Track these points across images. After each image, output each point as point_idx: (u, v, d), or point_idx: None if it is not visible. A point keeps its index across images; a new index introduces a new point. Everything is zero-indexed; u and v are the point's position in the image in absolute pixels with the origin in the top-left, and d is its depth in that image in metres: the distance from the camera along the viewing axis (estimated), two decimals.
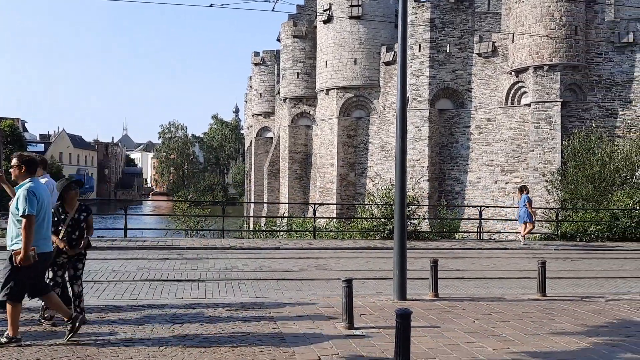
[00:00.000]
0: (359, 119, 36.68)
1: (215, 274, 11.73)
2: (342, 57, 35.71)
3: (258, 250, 15.77)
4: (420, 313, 8.23)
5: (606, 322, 8.04)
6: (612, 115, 27.19)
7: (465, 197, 30.58)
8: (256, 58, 52.48)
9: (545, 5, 26.50)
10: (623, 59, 27.08)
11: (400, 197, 9.45)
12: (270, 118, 52.09)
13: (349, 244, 17.42)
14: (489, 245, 18.76)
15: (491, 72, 29.97)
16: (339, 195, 36.14)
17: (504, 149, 29.45)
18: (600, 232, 20.23)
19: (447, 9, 30.45)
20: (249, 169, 59.84)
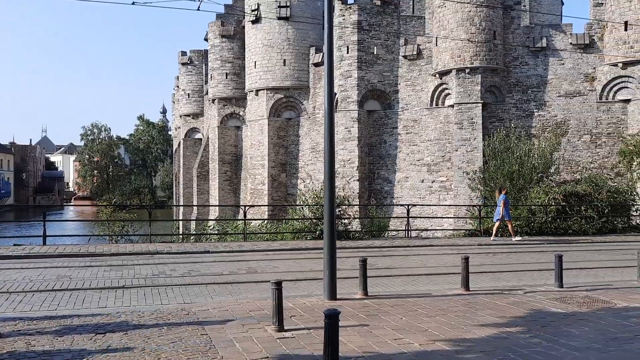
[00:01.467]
0: (290, 120, 36.71)
1: (142, 281, 11.36)
2: (271, 58, 35.61)
3: (187, 255, 15.42)
4: (350, 312, 8.33)
5: (524, 313, 8.46)
6: (529, 116, 28.69)
7: (394, 196, 31.29)
8: (183, 58, 51.34)
9: (465, 11, 27.58)
10: (538, 63, 28.63)
11: (329, 198, 9.53)
12: (199, 119, 51.12)
13: (281, 246, 17.37)
14: (416, 242, 19.28)
15: (417, 74, 30.83)
16: (271, 196, 36.01)
17: (429, 148, 30.37)
18: (519, 228, 21.27)
19: (374, 12, 31.04)
20: (177, 171, 58.43)
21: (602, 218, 21.82)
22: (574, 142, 28.05)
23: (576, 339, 6.95)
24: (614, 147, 27.29)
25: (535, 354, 6.33)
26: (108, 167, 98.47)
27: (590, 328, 7.54)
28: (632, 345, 6.72)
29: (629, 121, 27.34)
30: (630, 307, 8.89)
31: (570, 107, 28.13)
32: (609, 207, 22.24)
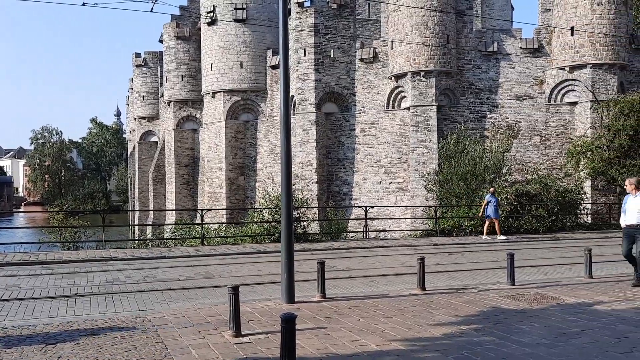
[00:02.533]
0: (247, 122, 36.51)
1: (95, 288, 11.08)
2: (228, 60, 35.34)
3: (142, 260, 15.13)
4: (308, 315, 8.35)
5: (478, 311, 8.66)
6: (482, 118, 29.43)
7: (353, 198, 31.53)
8: (137, 59, 50.35)
9: (420, 15, 28.08)
10: (489, 66, 29.42)
11: (286, 201, 9.53)
12: (154, 122, 50.22)
13: (239, 249, 17.25)
14: (374, 243, 19.48)
15: (373, 77, 31.18)
16: (229, 199, 35.72)
17: (387, 150, 30.76)
18: (473, 227, 21.80)
19: (330, 15, 31.23)
20: (132, 174, 57.22)
21: (551, 217, 22.60)
22: (524, 143, 28.94)
23: (527, 335, 7.17)
24: (562, 148, 28.30)
25: (487, 351, 6.49)
26: (60, 172, 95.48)
27: (540, 324, 7.79)
28: (579, 340, 6.99)
29: (576, 123, 28.41)
30: (577, 303, 9.23)
31: (520, 109, 29.01)
32: (558, 206, 23.05)
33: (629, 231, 10.83)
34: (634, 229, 10.73)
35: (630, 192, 11.02)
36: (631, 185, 10.97)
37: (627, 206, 11.02)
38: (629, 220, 10.85)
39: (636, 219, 10.71)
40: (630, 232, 10.82)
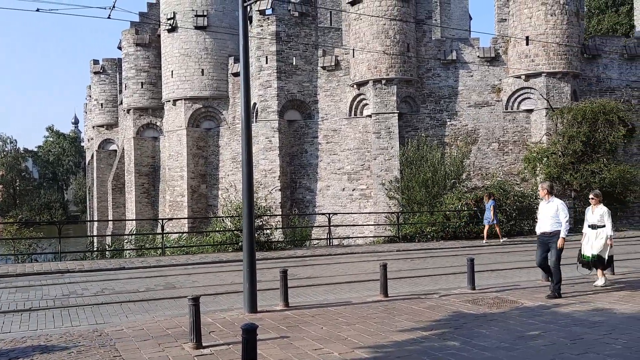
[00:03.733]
0: (209, 130, 36.15)
1: (50, 302, 10.73)
2: (188, 67, 34.96)
3: (100, 272, 14.75)
4: (271, 324, 8.28)
5: (439, 316, 8.77)
6: (442, 125, 29.94)
7: (316, 205, 31.55)
8: (95, 66, 49.23)
9: (380, 24, 28.43)
10: (449, 75, 29.99)
11: (248, 209, 9.45)
12: (113, 129, 49.14)
13: (200, 259, 17.02)
14: (338, 250, 19.52)
15: (335, 85, 31.35)
16: (191, 208, 35.23)
17: (349, 157, 30.93)
18: (435, 233, 22.11)
19: (292, 23, 31.29)
20: (91, 184, 55.80)
21: (510, 221, 23.12)
22: (483, 149, 29.57)
23: (487, 339, 7.29)
24: (519, 154, 29.03)
25: (448, 356, 6.57)
26: (14, 182, 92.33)
27: (500, 328, 7.93)
28: (537, 342, 7.14)
29: (532, 130, 29.21)
30: (535, 306, 9.45)
31: (479, 116, 29.65)
32: (516, 211, 23.61)
33: (543, 239, 10.42)
34: (548, 236, 10.30)
35: (543, 198, 10.68)
36: (544, 190, 10.61)
37: (540, 213, 10.67)
38: (543, 227, 10.43)
39: (550, 226, 10.31)
40: (544, 240, 10.40)
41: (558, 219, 10.25)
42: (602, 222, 11.00)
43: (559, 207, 10.32)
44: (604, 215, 11.03)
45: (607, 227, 10.95)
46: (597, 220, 11.07)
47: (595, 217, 11.13)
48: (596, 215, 11.13)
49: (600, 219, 11.03)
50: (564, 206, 10.39)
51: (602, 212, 11.08)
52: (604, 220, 10.99)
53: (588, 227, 11.11)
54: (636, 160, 30.00)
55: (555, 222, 10.26)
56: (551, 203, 10.43)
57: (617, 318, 8.39)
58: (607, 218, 11.01)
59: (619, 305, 9.28)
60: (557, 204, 10.37)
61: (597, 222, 11.05)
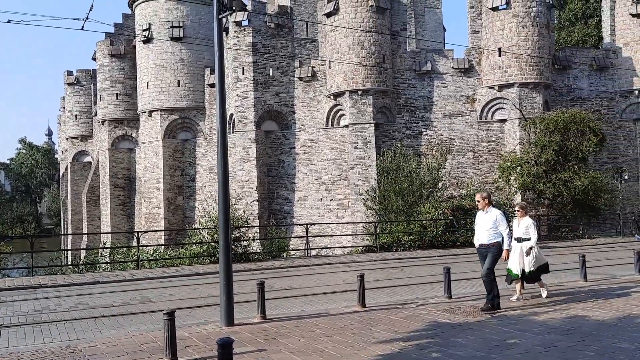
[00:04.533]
0: (186, 141, 35.92)
1: (21, 318, 10.49)
2: (164, 79, 34.76)
3: (74, 287, 14.47)
4: (248, 337, 8.22)
5: (417, 326, 8.81)
6: (418, 135, 30.25)
7: (294, 216, 31.50)
8: (69, 77, 48.62)
9: (356, 35, 28.69)
10: (424, 85, 30.36)
11: (224, 220, 9.40)
12: (87, 141, 48.49)
13: (177, 272, 16.82)
14: (316, 261, 19.49)
15: (312, 96, 31.47)
16: (167, 220, 34.86)
17: (327, 167, 31.01)
18: (412, 242, 22.25)
19: (268, 34, 31.37)
20: (65, 196, 54.87)
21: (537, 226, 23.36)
22: (458, 159, 29.94)
23: (463, 348, 7.35)
24: (494, 163, 29.45)
25: None
26: None
27: (476, 337, 8.00)
28: (512, 350, 7.22)
29: (506, 139, 29.69)
30: (510, 315, 9.56)
31: (454, 126, 30.04)
32: None
33: (482, 251, 10.05)
34: (486, 248, 9.93)
35: (481, 208, 10.17)
36: (483, 200, 10.11)
37: (477, 224, 10.19)
38: (481, 239, 10.04)
39: (487, 237, 9.90)
40: (483, 252, 10.03)
41: (496, 230, 9.81)
42: (528, 234, 10.67)
43: (497, 217, 9.87)
44: (529, 228, 10.68)
45: (532, 240, 10.62)
46: (522, 232, 10.70)
47: (520, 229, 10.75)
48: (522, 227, 10.75)
49: (526, 232, 10.69)
50: (502, 217, 9.95)
51: (528, 224, 10.72)
52: (529, 233, 10.67)
53: (514, 240, 10.63)
54: (607, 168, 30.70)
55: (493, 234, 9.83)
56: (489, 213, 9.99)
57: (590, 325, 8.54)
58: (533, 230, 10.67)
59: (592, 312, 9.44)
60: (495, 215, 9.92)
61: (522, 234, 10.69)
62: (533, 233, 10.67)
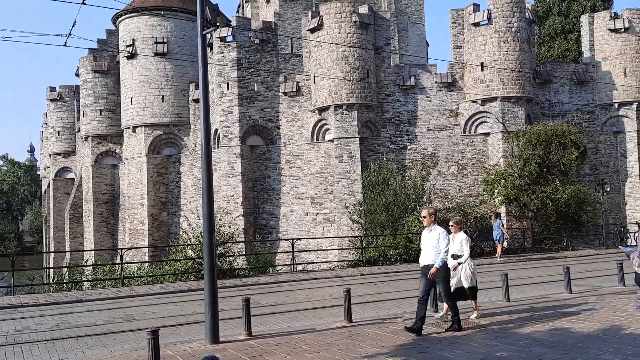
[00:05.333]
0: (170, 157, 35.72)
1: (2, 339, 10.27)
2: (148, 94, 34.62)
3: (56, 306, 14.23)
4: (233, 355, 8.13)
5: (403, 341, 8.78)
6: (402, 149, 30.41)
7: (280, 230, 31.37)
8: (52, 93, 48.20)
9: (340, 51, 28.89)
10: (408, 100, 30.60)
11: (208, 236, 9.33)
12: (70, 157, 47.98)
13: (161, 289, 16.64)
14: (302, 276, 19.40)
15: (297, 110, 31.54)
16: (151, 236, 34.50)
17: (312, 182, 31.00)
18: (398, 256, 22.24)
19: (253, 50, 31.46)
20: (47, 213, 54.12)
21: (471, 243, 23.45)
22: (443, 172, 30.12)
23: None
24: (478, 176, 29.67)
25: None
26: None
27: (462, 351, 7.99)
28: None
29: (489, 152, 29.97)
30: (497, 328, 9.57)
31: (438, 140, 30.26)
32: (476, 232, 24.01)
33: (426, 272, 9.38)
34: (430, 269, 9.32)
35: (426, 225, 9.65)
36: (430, 217, 9.53)
37: (423, 242, 9.66)
38: (425, 259, 9.46)
39: (432, 257, 9.31)
40: (426, 272, 9.36)
41: (439, 249, 9.27)
42: (462, 250, 10.22)
43: (440, 236, 9.32)
44: (462, 243, 10.25)
45: (465, 256, 10.18)
46: (457, 249, 10.23)
47: (455, 245, 10.23)
48: (456, 243, 10.26)
49: (460, 248, 10.24)
50: (445, 235, 9.40)
51: (461, 239, 10.28)
52: (463, 249, 10.23)
53: (450, 257, 9.94)
54: (589, 181, 31.09)
55: (437, 253, 9.27)
56: (433, 232, 9.42)
57: (575, 337, 8.57)
58: (466, 246, 10.25)
59: (577, 324, 9.49)
60: (438, 233, 9.36)
61: (457, 251, 10.21)
62: (466, 249, 10.21)
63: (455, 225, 10.52)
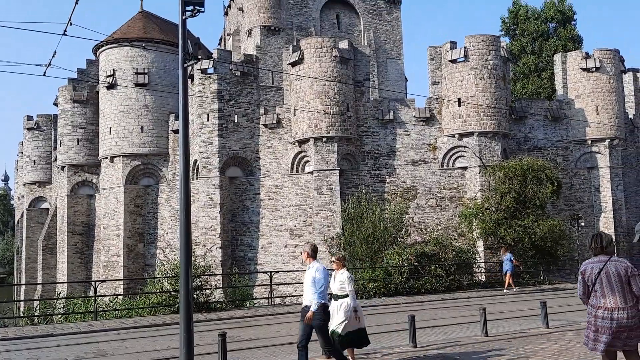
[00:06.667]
0: (148, 187, 35.39)
1: None
2: (127, 124, 34.48)
3: (25, 340, 13.77)
4: None
5: None
6: (381, 181, 30.63)
7: (258, 263, 31.08)
8: (29, 122, 47.68)
9: (320, 84, 29.28)
10: (387, 133, 30.99)
11: (185, 268, 9.19)
12: (45, 187, 47.21)
13: (135, 323, 16.24)
14: (280, 310, 19.14)
15: (277, 142, 31.67)
16: (127, 268, 33.87)
17: (291, 214, 30.93)
18: (377, 289, 22.12)
19: (234, 82, 31.69)
20: (19, 244, 52.86)
21: (449, 276, 23.51)
22: (422, 205, 30.34)
23: None
24: (456, 209, 29.94)
25: None
26: None
27: None
28: None
29: (467, 186, 30.34)
30: None
31: (417, 173, 30.57)
32: (455, 265, 24.08)
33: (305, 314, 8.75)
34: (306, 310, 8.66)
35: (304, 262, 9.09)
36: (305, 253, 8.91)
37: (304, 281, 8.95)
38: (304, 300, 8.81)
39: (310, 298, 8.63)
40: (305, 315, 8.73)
41: (316, 288, 8.58)
42: (344, 290, 9.24)
43: (316, 274, 8.65)
44: (344, 283, 9.25)
45: (350, 297, 9.24)
46: (337, 288, 9.28)
47: (336, 285, 9.29)
48: (337, 282, 9.31)
49: (342, 287, 9.27)
50: (321, 272, 8.67)
51: (343, 278, 9.28)
52: (345, 289, 9.25)
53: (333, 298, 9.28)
54: (564, 215, 31.57)
55: (314, 293, 8.58)
56: (310, 269, 8.74)
57: None
58: (349, 285, 9.24)
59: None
60: (314, 270, 8.70)
61: (337, 290, 9.28)
62: (350, 288, 9.24)
63: (338, 261, 9.53)
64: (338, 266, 9.49)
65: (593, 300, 6.48)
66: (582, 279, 6.59)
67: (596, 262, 6.51)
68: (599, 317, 6.38)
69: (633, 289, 6.30)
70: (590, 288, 6.49)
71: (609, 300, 6.33)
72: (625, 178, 34.67)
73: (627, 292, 6.31)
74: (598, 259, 6.53)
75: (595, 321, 6.41)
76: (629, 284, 6.32)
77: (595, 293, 6.45)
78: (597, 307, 6.41)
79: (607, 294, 6.34)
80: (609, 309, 6.31)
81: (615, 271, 6.36)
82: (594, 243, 6.60)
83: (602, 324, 6.33)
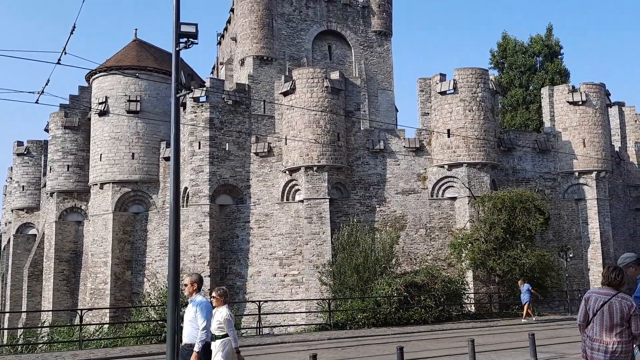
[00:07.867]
0: (137, 214, 35.20)
1: None
2: (118, 151, 34.48)
3: None
4: None
5: None
6: (372, 210, 30.71)
7: (247, 292, 30.82)
8: (19, 148, 47.52)
9: (312, 114, 29.58)
10: (377, 163, 31.22)
11: (173, 297, 9.16)
12: (34, 213, 46.80)
13: (121, 352, 16.02)
14: (268, 340, 18.98)
15: (268, 170, 31.77)
16: (114, 296, 33.43)
17: (281, 242, 30.83)
18: (366, 319, 22.00)
19: (226, 111, 31.92)
20: (5, 271, 52.09)
21: (439, 307, 23.46)
22: (411, 235, 30.40)
23: None
24: (445, 240, 30.02)
25: None
26: None
27: None
28: None
29: (456, 216, 30.49)
30: None
31: (407, 203, 30.72)
32: (444, 295, 24.05)
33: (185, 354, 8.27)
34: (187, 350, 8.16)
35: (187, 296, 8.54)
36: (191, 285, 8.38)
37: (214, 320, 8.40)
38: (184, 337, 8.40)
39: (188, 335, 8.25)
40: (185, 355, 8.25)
41: (197, 325, 8.05)
42: (224, 330, 8.43)
43: (197, 309, 8.07)
44: (223, 322, 8.41)
45: (231, 337, 8.44)
46: (216, 327, 8.43)
47: (214, 324, 8.43)
48: (215, 322, 8.44)
49: (220, 326, 8.43)
50: (203, 308, 8.11)
51: (222, 316, 8.44)
52: (224, 329, 8.43)
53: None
54: (552, 246, 31.71)
55: (194, 330, 8.10)
56: (192, 304, 8.26)
57: None
58: (227, 326, 8.41)
59: None
60: (196, 305, 8.15)
61: (216, 330, 8.43)
62: (229, 328, 8.45)
63: (218, 297, 8.61)
64: (218, 302, 8.55)
65: (590, 331, 6.56)
66: (585, 306, 6.66)
67: (602, 293, 6.58)
68: (594, 349, 6.48)
69: (632, 328, 6.39)
70: (589, 317, 6.57)
71: (606, 334, 6.41)
72: (612, 210, 35.00)
73: (625, 328, 6.40)
74: (605, 291, 6.59)
75: (591, 353, 6.49)
76: (629, 322, 6.40)
77: (593, 324, 6.52)
78: (592, 339, 6.50)
79: (606, 327, 6.41)
80: (605, 342, 6.39)
81: (619, 307, 6.44)
82: (613, 274, 6.62)
83: (597, 356, 6.41)
